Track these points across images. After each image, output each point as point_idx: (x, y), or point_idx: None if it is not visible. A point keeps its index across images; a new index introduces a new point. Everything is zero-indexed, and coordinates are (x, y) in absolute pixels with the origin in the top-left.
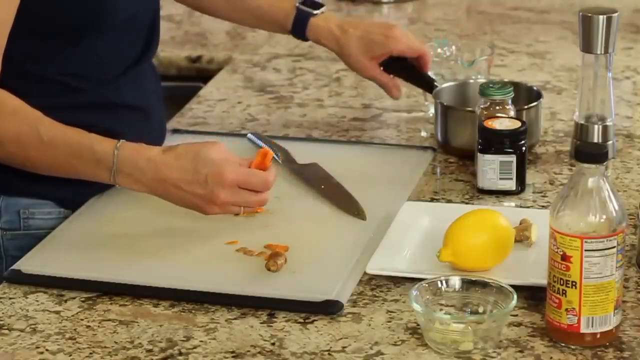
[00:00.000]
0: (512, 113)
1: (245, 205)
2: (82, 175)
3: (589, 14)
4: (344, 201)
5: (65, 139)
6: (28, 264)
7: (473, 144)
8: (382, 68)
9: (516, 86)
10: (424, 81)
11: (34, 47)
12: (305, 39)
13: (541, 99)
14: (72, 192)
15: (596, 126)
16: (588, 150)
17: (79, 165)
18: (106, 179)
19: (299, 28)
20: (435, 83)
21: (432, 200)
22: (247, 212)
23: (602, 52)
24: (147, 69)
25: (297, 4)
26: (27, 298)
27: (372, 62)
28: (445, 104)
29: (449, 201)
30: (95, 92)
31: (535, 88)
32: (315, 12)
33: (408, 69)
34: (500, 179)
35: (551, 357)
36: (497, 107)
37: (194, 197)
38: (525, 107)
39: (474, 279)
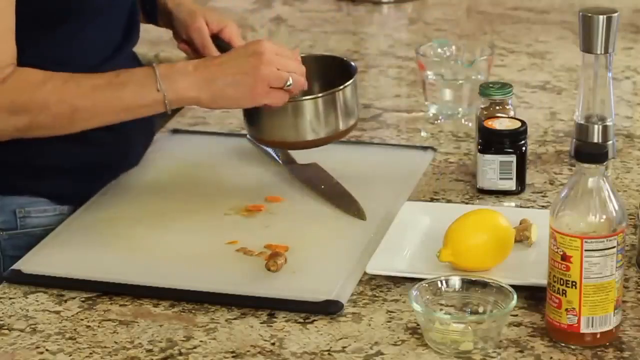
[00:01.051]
0: (512, 113)
1: (287, 66)
2: (131, 103)
3: (589, 14)
4: (344, 201)
5: (105, 76)
6: (28, 263)
7: (292, 137)
8: None
9: (326, 59)
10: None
11: (18, 34)
12: (153, 3)
13: (355, 76)
14: (67, 188)
15: (596, 126)
16: (588, 150)
17: (125, 93)
18: (154, 95)
19: None
20: None
21: (432, 200)
22: (296, 80)
23: (602, 52)
24: (129, 58)
25: None
26: (27, 298)
27: (203, 21)
28: None
29: (449, 201)
30: None
31: (353, 64)
32: None
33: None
34: (500, 179)
35: (551, 357)
36: (497, 107)
37: (240, 66)
38: (341, 87)
39: (474, 279)
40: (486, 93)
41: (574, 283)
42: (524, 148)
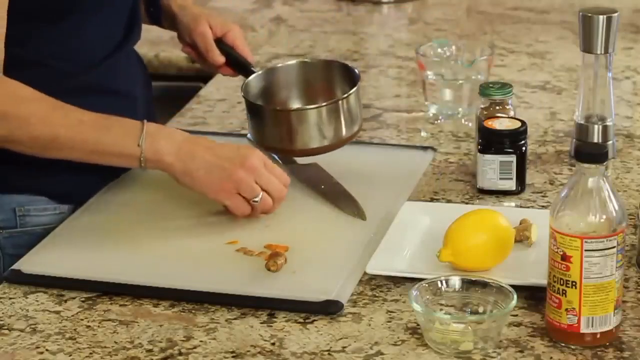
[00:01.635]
0: (512, 113)
1: (267, 184)
2: (108, 150)
3: (589, 14)
4: (344, 201)
5: (93, 115)
6: (28, 264)
7: (296, 145)
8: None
9: (329, 64)
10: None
11: (20, 29)
12: (157, 5)
13: (359, 84)
14: (67, 187)
15: (596, 126)
16: (588, 150)
17: (106, 138)
18: (133, 148)
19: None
20: (252, 68)
21: (432, 200)
22: (264, 201)
23: (602, 52)
24: (131, 54)
25: None
26: (27, 298)
27: (207, 25)
28: (253, 102)
29: (449, 201)
30: (83, 75)
31: (356, 71)
32: None
33: (227, 54)
34: (500, 179)
35: (551, 357)
36: (497, 107)
37: (223, 159)
38: (344, 95)
39: (474, 279)
40: (486, 93)
41: (574, 283)
42: (524, 148)
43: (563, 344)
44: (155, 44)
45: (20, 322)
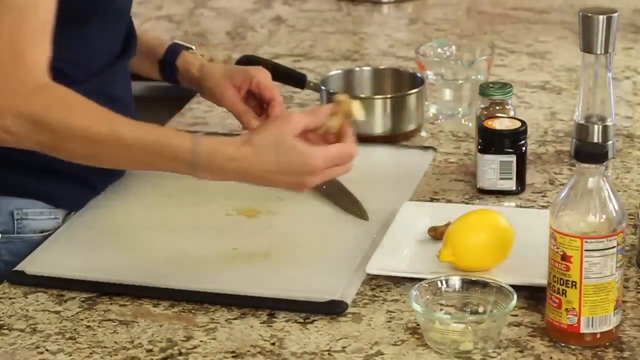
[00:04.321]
0: (512, 113)
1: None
2: (161, 170)
3: (589, 14)
4: (346, 201)
5: (142, 137)
6: (29, 264)
7: (365, 129)
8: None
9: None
10: (292, 78)
11: None
12: (173, 67)
13: (423, 85)
14: (64, 191)
15: (596, 126)
16: (588, 150)
17: (157, 162)
18: (187, 173)
19: (170, 56)
20: (308, 79)
21: (432, 200)
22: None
23: (602, 52)
24: (126, 69)
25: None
26: (27, 298)
27: (233, 89)
28: (332, 91)
29: (449, 201)
30: (87, 81)
31: (418, 75)
32: (190, 47)
33: (273, 70)
34: (500, 179)
35: (551, 357)
36: (497, 107)
37: (284, 184)
38: (408, 92)
39: (474, 279)
40: (486, 93)
41: (574, 283)
42: (524, 148)
43: (563, 344)
44: None
45: (20, 322)
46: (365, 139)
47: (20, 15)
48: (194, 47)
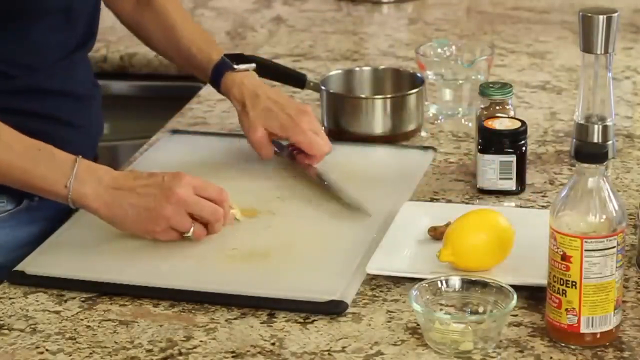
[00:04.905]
0: (512, 113)
1: (199, 211)
2: (35, 183)
3: (589, 14)
4: (345, 201)
5: (24, 142)
6: (29, 264)
7: (365, 129)
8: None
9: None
10: (292, 78)
11: None
12: (219, 91)
13: (423, 85)
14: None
15: (596, 126)
16: (588, 150)
17: (34, 170)
18: (60, 188)
19: (216, 77)
20: (308, 79)
21: (432, 200)
22: (197, 233)
23: (602, 52)
24: (81, 61)
25: (223, 55)
26: (27, 298)
27: (264, 132)
28: (333, 92)
29: (449, 201)
30: (26, 78)
31: (418, 74)
32: (236, 67)
33: (273, 70)
34: (500, 179)
35: (551, 357)
36: (497, 107)
37: (148, 198)
38: (408, 92)
39: (474, 279)
40: (486, 93)
41: (574, 283)
42: (524, 148)
43: (563, 344)
44: None
45: (20, 322)
46: (365, 139)
47: None
48: (235, 66)
